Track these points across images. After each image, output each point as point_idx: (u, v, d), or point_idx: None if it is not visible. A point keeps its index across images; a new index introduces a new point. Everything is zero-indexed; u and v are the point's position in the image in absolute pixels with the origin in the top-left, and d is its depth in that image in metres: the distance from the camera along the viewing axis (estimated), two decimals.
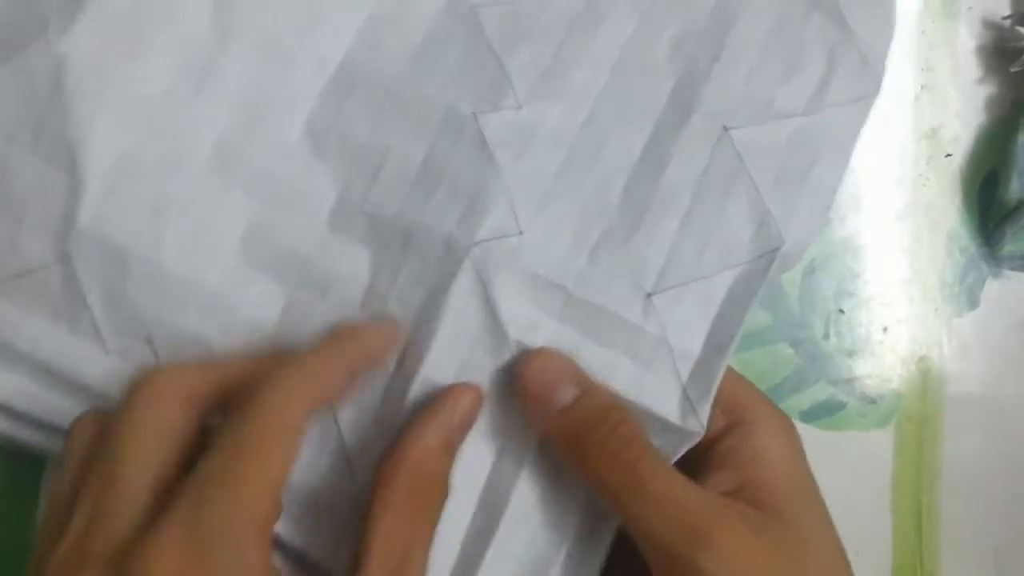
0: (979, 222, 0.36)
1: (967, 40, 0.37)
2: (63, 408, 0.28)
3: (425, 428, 0.25)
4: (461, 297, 0.28)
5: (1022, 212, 0.35)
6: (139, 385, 0.23)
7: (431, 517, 0.24)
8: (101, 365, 0.28)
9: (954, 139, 0.37)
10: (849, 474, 0.34)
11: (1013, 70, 0.36)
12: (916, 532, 0.34)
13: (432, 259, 0.28)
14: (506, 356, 0.28)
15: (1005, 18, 0.37)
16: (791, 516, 0.25)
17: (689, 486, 0.24)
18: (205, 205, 0.29)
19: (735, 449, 0.26)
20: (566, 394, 0.26)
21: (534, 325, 0.28)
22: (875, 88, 0.31)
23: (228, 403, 0.24)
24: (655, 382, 0.28)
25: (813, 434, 0.34)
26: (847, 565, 0.26)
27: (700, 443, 0.27)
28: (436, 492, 0.25)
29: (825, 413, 0.35)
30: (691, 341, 0.28)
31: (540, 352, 0.27)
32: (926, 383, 0.35)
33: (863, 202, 0.36)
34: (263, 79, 0.30)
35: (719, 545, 0.23)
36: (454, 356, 0.28)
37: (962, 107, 0.37)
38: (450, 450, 0.25)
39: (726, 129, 0.30)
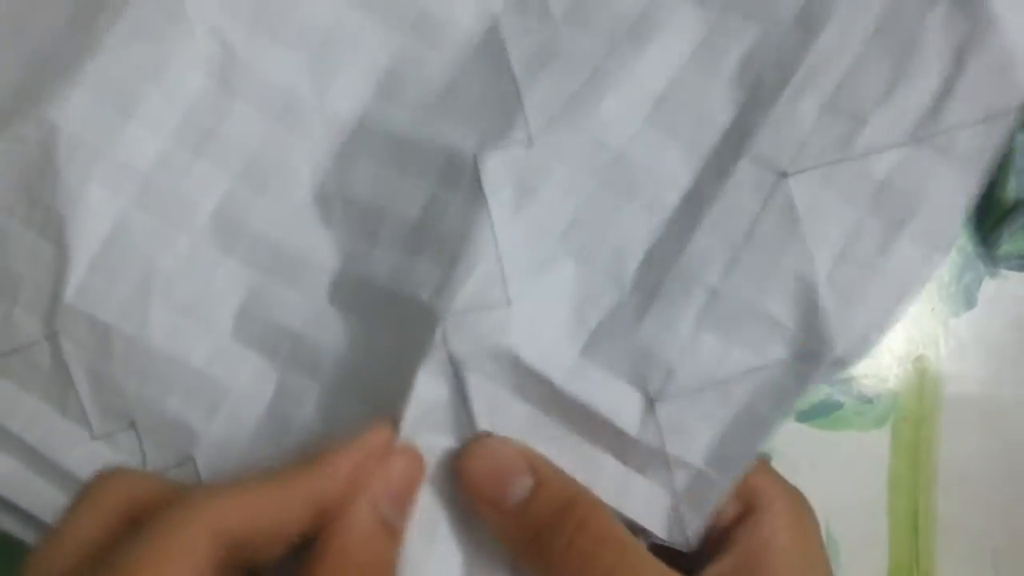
0: (976, 222, 0.36)
1: None
2: (47, 497, 0.27)
3: (354, 507, 0.21)
4: (429, 379, 0.23)
5: (1019, 212, 0.35)
6: (171, 510, 0.21)
7: None
8: (86, 450, 0.27)
9: None
10: (846, 474, 0.34)
11: None
12: (913, 533, 0.34)
13: (409, 333, 0.24)
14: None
15: None
16: None
17: None
18: (198, 278, 0.27)
19: (743, 536, 0.23)
20: (520, 487, 0.22)
21: (509, 413, 0.24)
22: (1020, 96, 0.22)
23: None
24: (643, 489, 0.23)
25: (810, 434, 0.34)
26: None
27: (712, 531, 0.24)
28: None
29: (822, 413, 0.35)
30: (691, 452, 0.23)
31: (484, 442, 0.23)
32: (923, 383, 0.35)
33: None
34: (271, 139, 0.28)
35: None
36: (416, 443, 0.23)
37: None
38: (390, 529, 0.22)
39: (784, 176, 0.22)
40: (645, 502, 0.23)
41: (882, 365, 0.35)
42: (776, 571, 0.22)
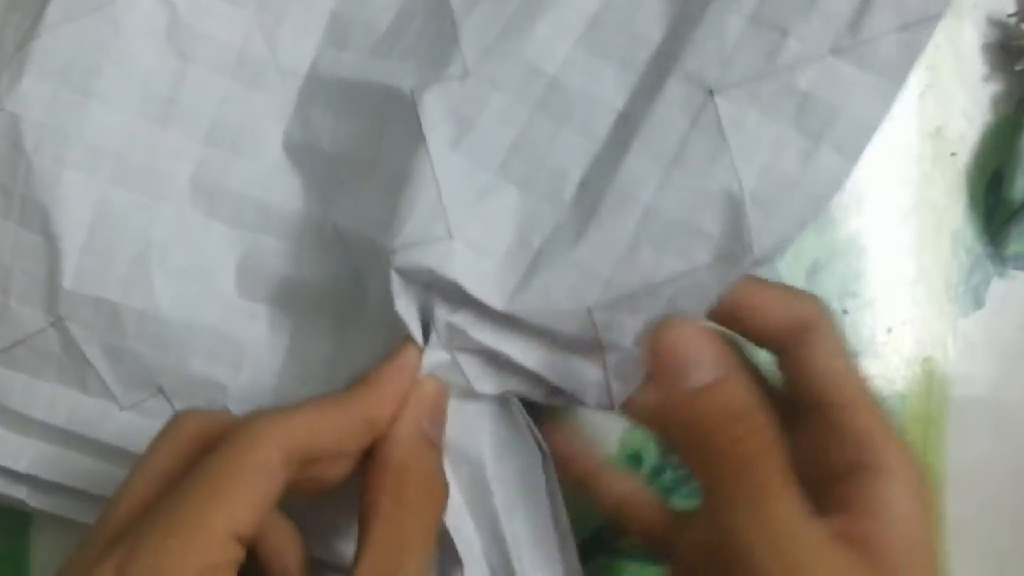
0: (984, 222, 0.36)
1: (972, 38, 0.37)
2: (84, 470, 0.28)
3: (401, 426, 0.24)
4: (405, 308, 0.25)
5: None
6: (243, 428, 0.22)
7: (428, 520, 0.23)
8: (117, 422, 0.28)
9: (959, 138, 0.36)
10: None
11: (1019, 68, 0.36)
12: None
13: (374, 270, 0.26)
14: (443, 358, 0.25)
15: (1011, 16, 0.36)
16: None
17: (806, 523, 0.21)
18: (191, 244, 0.28)
19: (859, 496, 0.23)
20: (701, 375, 0.22)
21: (468, 325, 0.25)
22: (941, 4, 0.22)
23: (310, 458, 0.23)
24: (581, 367, 0.25)
25: None
26: None
27: (823, 478, 0.23)
28: (431, 492, 0.24)
29: None
30: (623, 338, 0.24)
31: (684, 322, 0.23)
32: (931, 385, 0.35)
33: (867, 201, 0.36)
34: (231, 100, 0.28)
35: None
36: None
37: (967, 106, 0.37)
38: (433, 444, 0.24)
39: (711, 94, 0.23)
40: (581, 377, 0.25)
41: (890, 366, 0.35)
42: (888, 540, 0.22)
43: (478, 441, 0.26)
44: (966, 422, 0.34)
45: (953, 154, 0.36)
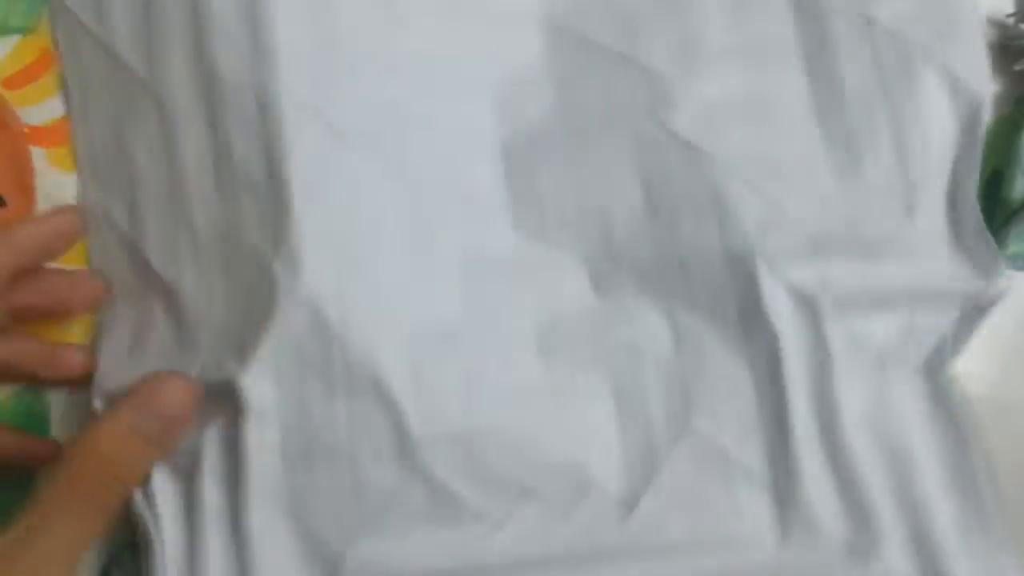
0: (984, 222, 0.36)
1: None
2: None
3: (118, 414, 0.24)
4: (775, 300, 0.29)
5: None
6: None
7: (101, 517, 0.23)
8: (495, 542, 0.29)
9: None
10: None
11: (1017, 68, 0.36)
12: None
13: (722, 278, 0.29)
14: (822, 324, 0.29)
15: (1009, 16, 0.37)
16: None
17: None
18: (495, 356, 0.30)
19: None
20: None
21: (826, 282, 0.29)
22: None
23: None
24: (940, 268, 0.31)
25: None
26: None
27: None
28: (113, 489, 0.23)
29: None
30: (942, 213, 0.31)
31: None
32: None
33: None
34: (454, 206, 0.31)
35: None
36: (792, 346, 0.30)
37: None
38: (145, 437, 0.25)
39: (869, 22, 0.30)
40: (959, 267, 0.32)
41: None
42: None
43: (902, 427, 0.29)
44: None
45: None
